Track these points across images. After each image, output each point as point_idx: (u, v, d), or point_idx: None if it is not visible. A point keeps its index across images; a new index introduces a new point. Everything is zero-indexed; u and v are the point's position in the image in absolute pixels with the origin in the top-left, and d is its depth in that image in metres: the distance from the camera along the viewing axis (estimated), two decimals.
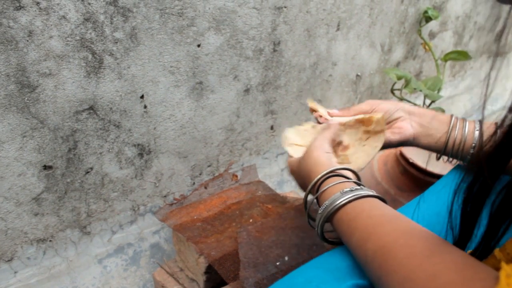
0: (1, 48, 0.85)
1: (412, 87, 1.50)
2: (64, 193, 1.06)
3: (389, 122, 0.82)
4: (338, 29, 1.43)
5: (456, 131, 0.77)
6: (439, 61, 1.70)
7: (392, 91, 1.58)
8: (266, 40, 1.24)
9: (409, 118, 0.81)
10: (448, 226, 0.57)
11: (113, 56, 0.99)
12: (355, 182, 0.67)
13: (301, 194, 1.29)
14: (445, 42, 1.96)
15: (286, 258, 0.99)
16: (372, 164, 1.35)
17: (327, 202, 0.64)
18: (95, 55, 0.96)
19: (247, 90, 1.27)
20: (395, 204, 1.23)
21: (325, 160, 0.71)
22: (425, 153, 1.25)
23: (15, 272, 1.09)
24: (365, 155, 0.79)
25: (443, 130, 0.78)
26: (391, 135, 0.80)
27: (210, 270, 1.04)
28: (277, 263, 0.98)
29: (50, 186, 1.03)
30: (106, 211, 1.15)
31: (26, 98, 0.92)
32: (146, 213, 1.23)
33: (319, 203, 0.69)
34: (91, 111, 1.01)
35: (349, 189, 0.63)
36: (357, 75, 1.63)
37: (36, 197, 1.03)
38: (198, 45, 1.10)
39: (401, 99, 1.57)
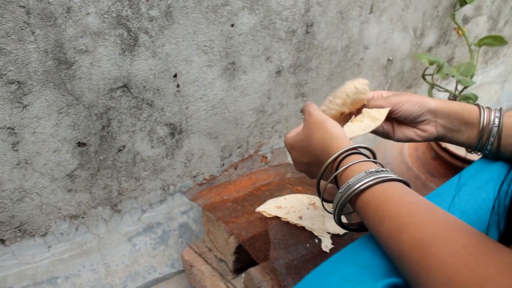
0: (40, 24, 0.85)
1: (445, 72, 1.47)
2: (97, 171, 1.07)
3: (413, 123, 0.77)
4: (371, 12, 1.40)
5: (488, 131, 0.71)
6: (473, 47, 1.66)
7: (423, 76, 1.55)
8: (299, 22, 1.23)
9: (434, 120, 0.75)
10: (491, 222, 0.52)
11: (148, 34, 0.99)
12: (379, 163, 0.62)
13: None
14: (479, 28, 1.91)
15: (316, 241, 0.99)
16: (403, 150, 1.33)
17: (350, 181, 0.58)
18: (130, 33, 0.96)
19: (278, 72, 1.26)
20: (426, 190, 1.22)
21: (342, 134, 0.65)
22: None
23: (49, 247, 1.11)
24: (349, 131, 0.73)
25: (472, 132, 0.73)
26: (415, 135, 0.76)
27: (239, 250, 1.05)
28: (307, 245, 0.98)
29: (83, 163, 1.04)
30: (136, 189, 1.16)
31: (62, 75, 0.93)
32: (175, 193, 1.24)
33: (338, 183, 0.62)
34: (125, 89, 1.01)
35: (375, 169, 0.58)
36: (388, 60, 1.60)
37: (70, 174, 1.04)
38: (232, 25, 1.10)
39: (433, 84, 1.54)
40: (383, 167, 0.61)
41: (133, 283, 1.21)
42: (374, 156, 0.66)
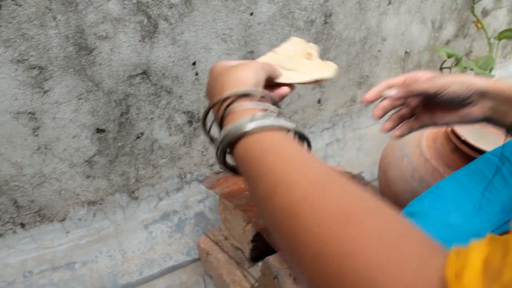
0: (62, 10, 0.86)
1: (463, 66, 1.45)
2: (115, 157, 1.08)
3: (458, 106, 0.71)
4: (389, 3, 1.39)
5: None
6: (492, 40, 1.65)
7: (441, 69, 1.54)
8: (318, 12, 1.22)
9: (480, 102, 0.69)
10: None
11: (168, 21, 0.99)
12: (275, 112, 0.51)
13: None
14: (498, 21, 1.89)
15: None
16: (421, 142, 1.32)
17: (231, 125, 0.48)
18: (150, 20, 0.96)
19: None
20: None
21: (252, 76, 0.54)
22: (478, 130, 1.22)
23: (67, 232, 1.12)
24: (295, 75, 0.66)
25: None
26: (459, 118, 0.71)
27: (256, 239, 1.05)
28: None
29: (102, 150, 1.05)
30: (154, 177, 1.17)
31: (83, 60, 0.93)
32: (192, 181, 1.24)
33: (222, 125, 0.52)
34: (144, 76, 1.02)
35: (262, 114, 0.48)
36: (406, 52, 1.59)
37: (88, 160, 1.05)
38: (251, 14, 1.09)
39: None
40: (280, 114, 0.51)
41: (149, 270, 1.22)
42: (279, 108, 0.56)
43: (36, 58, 0.89)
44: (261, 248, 1.07)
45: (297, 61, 0.70)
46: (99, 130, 1.03)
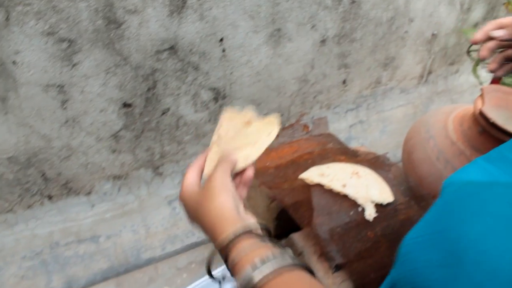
0: None
1: None
2: (141, 132, 1.08)
3: None
4: None
5: None
6: None
7: (468, 52, 1.51)
8: None
9: None
10: None
11: None
12: (272, 242, 0.55)
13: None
14: None
15: (360, 209, 0.98)
16: (447, 124, 1.31)
17: (240, 278, 0.50)
18: None
19: (323, 41, 1.24)
20: None
21: (231, 210, 0.57)
22: (507, 112, 1.20)
23: (93, 206, 1.13)
24: (249, 151, 0.70)
25: None
26: None
27: (281, 216, 1.05)
28: (351, 213, 0.97)
29: (128, 124, 1.06)
30: (178, 153, 1.17)
31: (111, 34, 0.93)
32: None
33: (230, 272, 0.55)
34: (172, 51, 1.02)
35: (266, 257, 0.49)
36: (433, 34, 1.56)
37: (115, 134, 1.05)
38: None
39: (478, 61, 1.50)
40: (276, 247, 0.53)
41: (172, 246, 1.23)
42: (268, 229, 0.61)
43: (66, 31, 0.89)
44: (285, 226, 1.07)
45: (242, 136, 0.72)
46: (125, 105, 1.03)
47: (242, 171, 0.68)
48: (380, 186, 1.04)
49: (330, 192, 1.01)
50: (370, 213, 0.97)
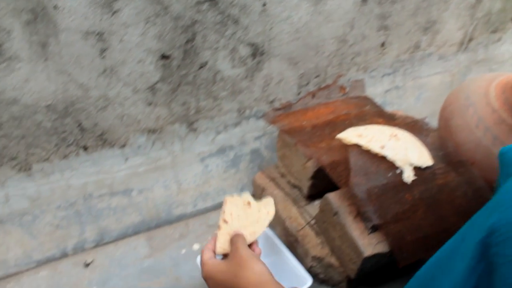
0: None
1: None
2: (178, 86, 1.07)
3: None
4: None
5: None
6: None
7: None
8: None
9: None
10: None
11: None
12: None
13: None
14: None
15: (398, 171, 0.96)
16: (489, 91, 1.27)
17: None
18: None
19: (364, 0, 1.20)
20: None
21: (270, 275, 0.69)
22: None
23: (126, 159, 1.13)
24: (255, 228, 0.84)
25: None
26: None
27: (316, 176, 1.03)
28: (389, 175, 0.95)
29: (165, 77, 1.04)
30: (213, 109, 1.16)
31: None
32: (250, 117, 1.23)
33: None
34: (212, 2, 0.99)
35: None
36: None
37: (151, 86, 1.04)
38: None
39: None
40: None
41: (203, 203, 1.23)
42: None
43: None
44: (320, 186, 1.06)
45: (245, 216, 0.85)
46: (164, 57, 1.01)
47: (250, 245, 0.81)
48: (419, 149, 1.02)
49: (368, 153, 0.99)
50: (409, 176, 0.96)
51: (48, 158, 1.06)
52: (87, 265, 1.12)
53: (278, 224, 1.11)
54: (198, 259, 0.95)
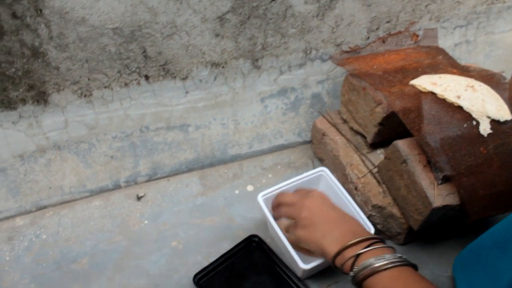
0: None
1: None
2: (247, 18, 1.02)
3: None
4: None
5: None
6: None
7: None
8: None
9: None
10: None
11: None
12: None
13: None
14: None
15: (474, 123, 0.91)
16: None
17: (363, 263, 0.67)
18: None
19: None
20: None
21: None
22: None
23: (186, 92, 1.10)
24: None
25: None
26: None
27: (385, 122, 0.99)
28: (464, 125, 0.90)
29: (236, 7, 1.00)
30: (280, 47, 1.11)
31: None
32: (316, 59, 1.18)
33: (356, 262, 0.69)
34: None
35: (388, 256, 0.66)
36: None
37: (221, 16, 1.00)
38: None
39: None
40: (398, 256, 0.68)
41: (259, 145, 1.20)
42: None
43: None
44: (385, 133, 1.02)
45: None
46: None
47: None
48: (497, 102, 0.96)
49: (443, 102, 0.94)
50: (485, 128, 0.90)
51: (109, 85, 1.04)
52: (139, 198, 1.11)
53: (337, 171, 1.08)
54: (260, 196, 0.93)
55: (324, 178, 1.00)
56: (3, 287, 0.93)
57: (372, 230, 0.89)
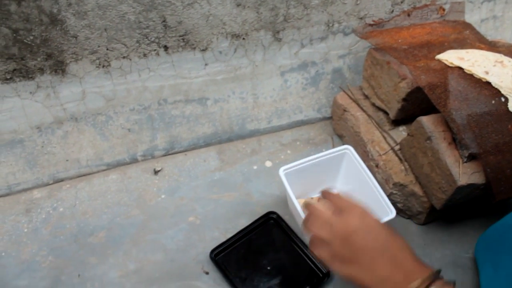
0: None
1: None
2: None
3: None
4: None
5: None
6: None
7: None
8: None
9: None
10: None
11: None
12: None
13: None
14: None
15: (503, 99, 0.88)
16: None
17: None
18: None
19: None
20: None
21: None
22: None
23: (206, 64, 1.08)
24: None
25: None
26: None
27: (409, 97, 0.96)
28: (492, 102, 0.87)
29: None
30: (302, 19, 1.08)
31: None
32: (338, 33, 1.15)
33: None
34: None
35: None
36: None
37: None
38: None
39: None
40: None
41: (278, 120, 1.18)
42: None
43: None
44: (409, 109, 0.99)
45: None
46: None
47: None
48: None
49: (470, 78, 0.91)
50: None
51: (128, 56, 1.02)
52: (156, 172, 1.10)
53: (358, 147, 1.06)
54: (281, 170, 0.91)
55: (348, 157, 0.97)
56: (22, 258, 0.92)
57: (393, 214, 0.87)
